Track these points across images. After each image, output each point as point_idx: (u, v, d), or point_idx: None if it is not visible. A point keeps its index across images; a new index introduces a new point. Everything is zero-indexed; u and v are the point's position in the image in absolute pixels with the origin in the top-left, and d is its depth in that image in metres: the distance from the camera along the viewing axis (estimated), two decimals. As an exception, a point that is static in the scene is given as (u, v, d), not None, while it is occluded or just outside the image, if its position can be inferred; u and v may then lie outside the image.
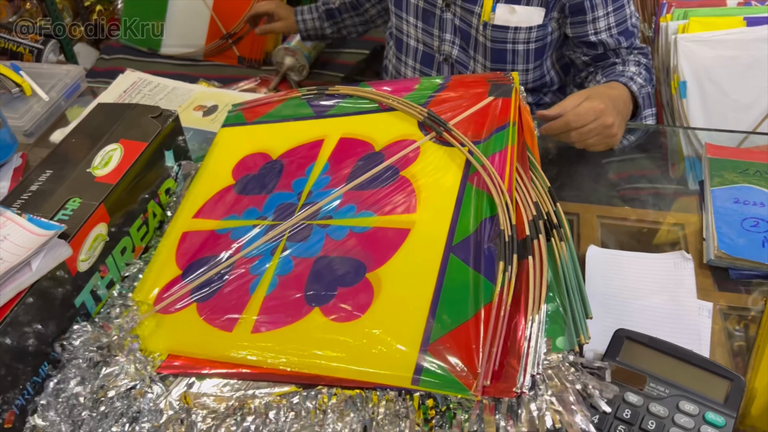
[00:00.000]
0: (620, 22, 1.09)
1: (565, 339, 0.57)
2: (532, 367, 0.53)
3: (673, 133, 1.07)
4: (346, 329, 0.61)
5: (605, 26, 1.08)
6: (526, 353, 0.54)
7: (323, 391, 0.58)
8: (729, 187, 0.82)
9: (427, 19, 1.18)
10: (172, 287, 0.69)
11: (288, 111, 0.88)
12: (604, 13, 1.07)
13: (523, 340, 0.55)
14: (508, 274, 0.59)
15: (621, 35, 1.09)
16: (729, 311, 0.70)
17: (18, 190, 0.72)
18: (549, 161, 0.95)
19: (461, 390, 0.54)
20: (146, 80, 1.13)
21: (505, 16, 1.09)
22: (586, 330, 0.56)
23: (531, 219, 0.64)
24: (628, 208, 0.86)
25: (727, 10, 1.30)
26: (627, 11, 1.09)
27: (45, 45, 1.71)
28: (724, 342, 0.67)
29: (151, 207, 0.78)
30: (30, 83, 1.10)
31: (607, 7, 1.07)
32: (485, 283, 0.60)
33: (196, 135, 0.98)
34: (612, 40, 1.09)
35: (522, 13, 1.09)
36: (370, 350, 0.59)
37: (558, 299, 0.59)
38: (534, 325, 0.56)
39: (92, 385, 0.61)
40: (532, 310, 0.57)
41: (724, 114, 1.27)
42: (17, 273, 0.59)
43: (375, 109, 0.84)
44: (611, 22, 1.08)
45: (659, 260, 0.75)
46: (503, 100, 0.78)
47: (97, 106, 0.86)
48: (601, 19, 1.08)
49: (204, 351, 0.63)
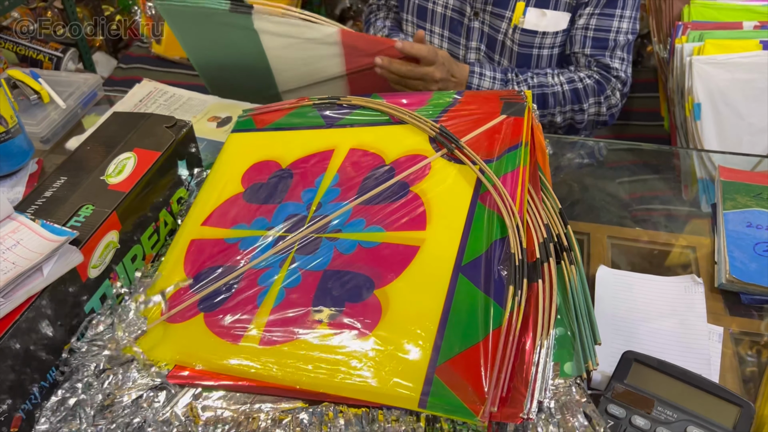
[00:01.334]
0: (599, 29, 1.08)
1: (573, 365, 0.56)
2: (540, 393, 0.53)
3: (687, 155, 1.07)
4: (353, 346, 0.61)
5: (583, 25, 1.08)
6: (534, 379, 0.53)
7: (330, 409, 0.57)
8: (742, 210, 0.81)
9: (454, 29, 1.18)
10: (180, 296, 0.70)
11: (298, 119, 0.89)
12: (589, 12, 1.07)
13: (531, 365, 0.54)
14: (518, 299, 0.59)
15: (593, 40, 1.09)
16: (740, 336, 0.70)
17: (33, 195, 0.73)
18: (560, 180, 0.95)
19: (468, 415, 0.53)
20: (162, 90, 1.14)
21: (535, 20, 1.10)
22: (595, 356, 0.56)
23: (541, 242, 0.64)
24: (639, 229, 0.85)
25: (743, 33, 1.30)
26: (614, 25, 1.08)
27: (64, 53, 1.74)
28: (734, 367, 0.66)
29: (162, 216, 0.79)
30: (48, 90, 1.11)
31: (596, 8, 1.07)
32: (495, 307, 0.60)
33: (210, 145, 0.98)
34: (579, 41, 1.09)
35: (551, 17, 1.09)
36: (377, 369, 0.58)
37: (567, 324, 0.59)
38: (542, 351, 0.55)
39: (99, 392, 0.61)
40: (541, 335, 0.56)
41: (739, 137, 1.26)
42: (28, 278, 0.60)
43: (386, 122, 0.84)
44: (591, 23, 1.08)
45: (670, 283, 0.74)
46: (515, 118, 0.78)
47: (113, 114, 0.87)
48: (584, 17, 1.08)
49: (211, 362, 0.63)
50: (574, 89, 1.11)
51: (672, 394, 0.59)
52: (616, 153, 1.05)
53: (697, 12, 1.38)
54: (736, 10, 1.36)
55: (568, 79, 1.12)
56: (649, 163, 1.01)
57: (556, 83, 1.11)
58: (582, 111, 1.14)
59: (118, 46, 2.28)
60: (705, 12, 1.38)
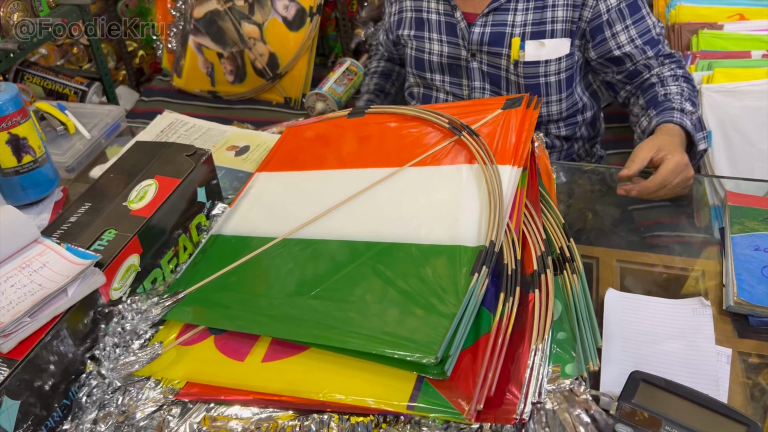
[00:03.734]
0: (643, 33, 1.11)
1: (574, 365, 0.59)
2: (533, 396, 0.55)
3: (698, 181, 1.08)
4: (346, 359, 0.63)
5: (627, 39, 1.10)
6: (527, 382, 0.55)
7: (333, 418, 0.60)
8: (749, 234, 0.82)
9: (453, 72, 1.21)
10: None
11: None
12: (623, 27, 1.10)
13: (525, 369, 0.57)
14: (509, 304, 0.61)
15: (646, 45, 1.11)
16: (748, 358, 0.70)
17: (58, 221, 0.76)
18: (572, 205, 0.97)
19: (455, 414, 0.55)
20: (182, 121, 1.18)
21: (535, 51, 1.12)
22: (596, 357, 0.58)
23: (539, 255, 0.67)
24: (648, 253, 0.86)
25: (751, 62, 1.32)
26: (649, 22, 1.11)
27: (89, 87, 1.80)
28: (742, 388, 0.67)
29: (182, 240, 0.81)
30: (74, 122, 1.15)
31: (625, 20, 1.09)
32: (485, 313, 0.62)
33: (228, 174, 1.01)
34: (637, 51, 1.11)
35: (551, 45, 1.12)
36: (369, 378, 0.61)
37: (569, 328, 0.62)
38: (537, 355, 0.57)
39: (116, 408, 0.63)
40: (536, 340, 0.58)
41: (750, 163, 1.27)
42: (54, 298, 0.62)
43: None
44: (633, 34, 1.10)
45: (678, 306, 0.75)
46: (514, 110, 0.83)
47: (135, 144, 0.90)
48: (621, 33, 1.10)
49: (218, 379, 0.66)
50: (685, 84, 1.10)
51: (679, 414, 0.59)
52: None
53: (705, 42, 1.40)
54: (745, 39, 1.38)
55: (681, 88, 1.09)
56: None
57: (679, 90, 1.09)
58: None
59: (140, 79, 2.35)
60: (714, 42, 1.40)
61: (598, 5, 1.09)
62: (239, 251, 0.78)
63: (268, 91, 1.95)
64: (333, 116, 0.98)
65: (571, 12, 1.10)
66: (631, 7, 1.10)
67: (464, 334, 0.59)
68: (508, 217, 0.70)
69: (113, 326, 0.69)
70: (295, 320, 0.67)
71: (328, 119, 0.98)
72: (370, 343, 0.61)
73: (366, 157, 0.88)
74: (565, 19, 1.11)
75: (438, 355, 0.58)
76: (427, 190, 0.79)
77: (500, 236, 0.67)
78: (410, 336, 0.61)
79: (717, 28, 1.42)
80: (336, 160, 0.89)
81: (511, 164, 0.76)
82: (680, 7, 1.49)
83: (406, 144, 0.87)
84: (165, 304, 0.72)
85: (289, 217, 0.81)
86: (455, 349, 0.58)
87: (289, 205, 0.85)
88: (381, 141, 0.90)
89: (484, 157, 0.77)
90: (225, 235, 0.83)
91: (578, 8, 1.09)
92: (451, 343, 0.58)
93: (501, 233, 0.67)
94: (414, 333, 0.61)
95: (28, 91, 1.68)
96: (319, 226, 0.79)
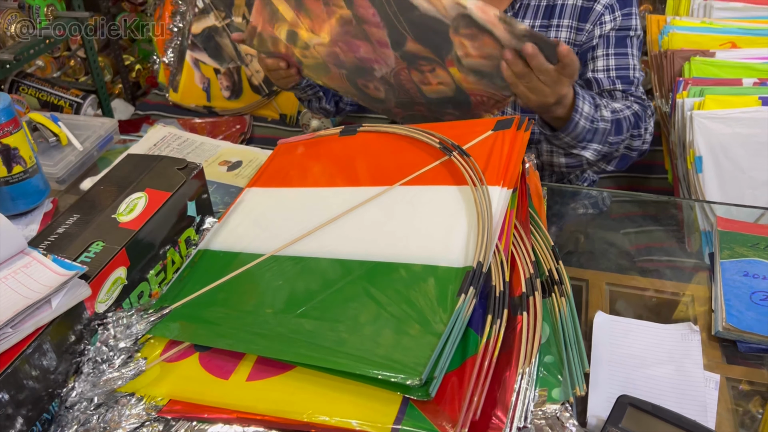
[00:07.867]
0: (620, 67, 1.11)
1: (561, 390, 0.58)
2: (520, 420, 0.54)
3: (689, 206, 1.08)
4: (332, 380, 0.62)
5: (603, 66, 1.10)
6: (513, 406, 0.55)
7: None
8: (739, 260, 0.82)
9: None
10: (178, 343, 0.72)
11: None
12: (603, 54, 1.10)
13: (511, 392, 0.56)
14: (496, 327, 0.60)
15: (618, 79, 1.11)
16: (737, 384, 0.70)
17: (45, 232, 0.75)
18: (563, 228, 0.97)
19: None
20: (176, 135, 1.18)
21: None
22: (582, 382, 0.58)
23: (528, 277, 0.66)
24: (637, 276, 0.86)
25: (743, 89, 1.33)
26: (630, 62, 1.11)
27: (84, 100, 1.80)
28: (730, 415, 0.66)
29: (170, 254, 0.81)
30: (66, 133, 1.15)
31: (608, 48, 1.10)
32: (472, 335, 0.61)
33: (219, 188, 1.01)
34: (607, 81, 1.10)
35: None
36: (355, 400, 0.60)
37: (556, 352, 0.61)
38: (524, 379, 0.57)
39: (98, 424, 0.62)
40: (523, 364, 0.58)
41: (740, 190, 1.28)
42: (37, 309, 0.62)
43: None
44: (610, 64, 1.10)
45: (666, 330, 0.75)
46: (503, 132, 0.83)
47: (126, 156, 0.90)
48: (600, 58, 1.10)
49: (202, 397, 0.65)
50: (624, 117, 1.08)
51: (666, 440, 0.59)
52: (619, 204, 1.07)
53: (697, 68, 1.41)
54: (736, 67, 1.40)
55: (612, 110, 1.08)
56: (651, 213, 1.03)
57: (614, 105, 1.08)
58: (639, 136, 1.11)
59: (136, 93, 2.36)
60: (705, 69, 1.41)
61: (593, 30, 1.10)
62: (227, 267, 0.78)
63: (264, 108, 1.96)
64: (324, 134, 0.98)
65: (574, 34, 1.11)
66: (619, 40, 1.11)
67: (450, 355, 0.58)
68: (497, 239, 0.70)
69: (97, 340, 0.69)
70: (282, 338, 0.67)
71: (319, 137, 0.98)
72: (356, 363, 0.60)
73: (356, 175, 0.88)
74: (567, 41, 1.12)
75: (423, 376, 0.57)
76: (417, 209, 0.78)
77: (488, 257, 0.67)
78: (395, 357, 0.60)
79: (709, 55, 1.43)
80: (326, 178, 0.89)
81: (501, 185, 0.76)
82: (673, 34, 1.50)
83: (396, 163, 0.87)
84: (150, 320, 0.71)
85: (278, 234, 0.81)
86: (440, 370, 0.57)
87: (278, 222, 0.84)
88: (371, 160, 0.90)
89: (474, 178, 0.77)
90: (213, 250, 0.83)
91: (581, 32, 1.11)
92: (437, 365, 0.58)
93: (489, 254, 0.67)
94: (399, 354, 0.60)
95: (22, 102, 1.67)
96: (307, 243, 0.78)
